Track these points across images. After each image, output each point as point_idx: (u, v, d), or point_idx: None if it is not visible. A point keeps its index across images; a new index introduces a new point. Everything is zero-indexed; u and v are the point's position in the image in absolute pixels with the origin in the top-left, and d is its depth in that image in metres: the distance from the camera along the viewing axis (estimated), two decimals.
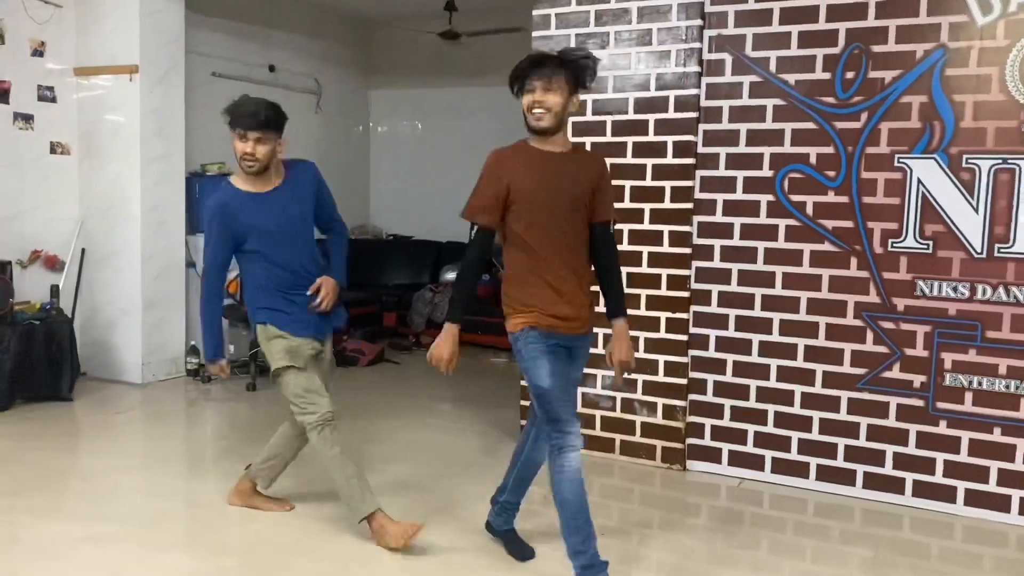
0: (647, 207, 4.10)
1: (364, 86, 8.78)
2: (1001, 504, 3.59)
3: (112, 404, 5.29)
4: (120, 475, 4.04)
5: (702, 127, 4.02)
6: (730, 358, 4.04)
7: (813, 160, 3.81)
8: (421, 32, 7.65)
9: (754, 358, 3.98)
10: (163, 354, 5.85)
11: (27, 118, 5.50)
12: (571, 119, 3.90)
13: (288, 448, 3.56)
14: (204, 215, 3.40)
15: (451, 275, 7.89)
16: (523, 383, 4.48)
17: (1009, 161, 3.48)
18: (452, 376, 3.17)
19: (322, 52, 8.11)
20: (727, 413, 4.06)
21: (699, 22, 3.96)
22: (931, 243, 3.64)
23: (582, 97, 3.08)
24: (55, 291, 5.37)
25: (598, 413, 4.27)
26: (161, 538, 3.32)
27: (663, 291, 4.09)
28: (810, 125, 3.80)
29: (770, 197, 3.91)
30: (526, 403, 4.48)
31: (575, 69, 2.79)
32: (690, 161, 4.03)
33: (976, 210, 3.55)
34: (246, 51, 7.18)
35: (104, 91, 5.68)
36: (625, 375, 3.15)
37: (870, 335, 3.76)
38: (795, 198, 3.86)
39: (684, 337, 4.08)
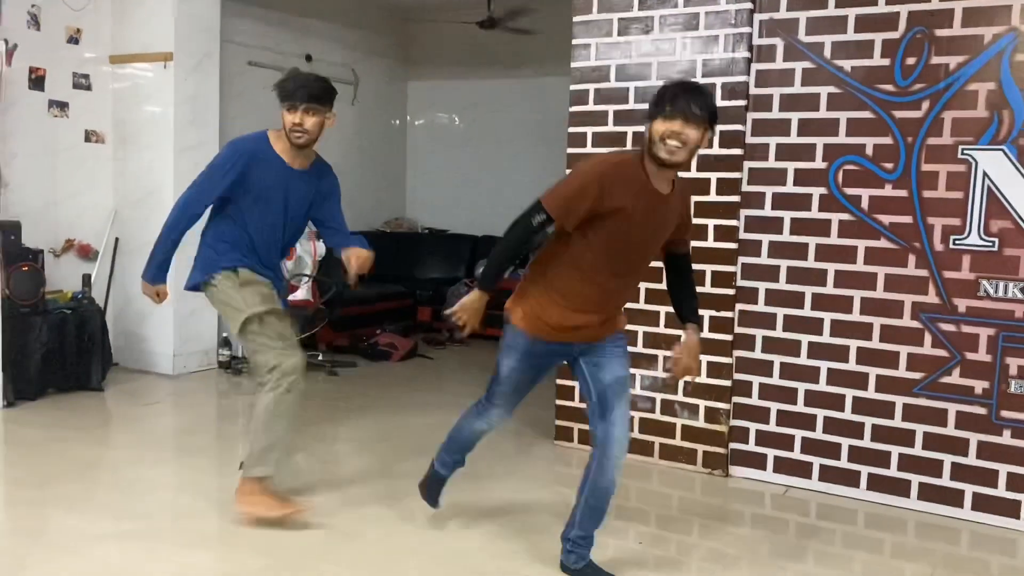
0: (692, 200, 3.90)
1: (402, 77, 8.67)
2: None
3: (142, 395, 5.23)
4: (147, 468, 3.96)
5: (751, 116, 3.82)
6: (777, 359, 3.84)
7: (869, 151, 3.60)
8: (459, 22, 7.51)
9: (803, 360, 3.78)
10: (195, 345, 5.79)
11: (62, 106, 5.46)
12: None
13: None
14: (226, 150, 3.26)
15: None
16: (560, 381, 4.33)
17: None
18: (485, 374, 3.07)
19: (359, 42, 8.02)
20: (773, 417, 3.87)
21: (749, 5, 3.76)
22: (996, 240, 3.41)
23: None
24: (87, 280, 5.32)
25: (636, 415, 4.10)
26: (186, 536, 3.22)
27: (707, 288, 3.90)
28: (867, 114, 3.59)
29: (823, 190, 3.70)
30: (562, 402, 4.33)
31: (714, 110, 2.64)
32: (738, 152, 3.83)
33: None
34: (283, 40, 7.10)
35: (139, 79, 5.62)
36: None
37: (928, 337, 3.54)
38: (850, 191, 3.65)
39: (729, 337, 3.90)
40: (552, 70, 7.84)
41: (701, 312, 3.88)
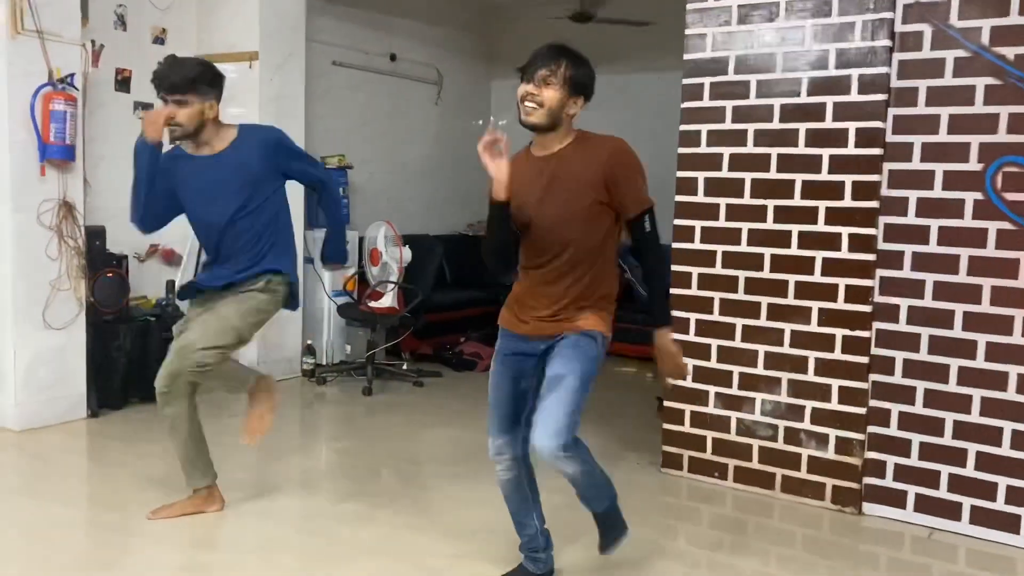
0: (822, 205, 3.51)
1: (486, 76, 8.40)
2: None
3: (226, 405, 5.05)
4: (230, 491, 3.75)
5: (892, 112, 3.41)
6: (921, 386, 3.41)
7: None
8: (547, 18, 7.20)
9: (952, 387, 3.34)
10: (278, 353, 5.61)
11: (147, 107, 5.33)
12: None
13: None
14: None
15: None
16: (667, 404, 3.98)
17: None
18: None
19: (444, 40, 7.78)
20: (915, 450, 3.44)
21: None
22: None
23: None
24: (171, 287, 5.19)
25: (756, 443, 3.72)
26: (271, 571, 2.99)
27: (839, 304, 3.50)
28: None
29: (978, 195, 3.26)
30: (670, 426, 3.97)
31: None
32: (877, 152, 3.42)
33: None
34: (367, 39, 6.91)
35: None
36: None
37: None
38: (1010, 197, 3.20)
39: (864, 359, 3.48)
40: (644, 66, 7.49)
41: (832, 330, 3.54)
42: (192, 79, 3.02)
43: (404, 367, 5.85)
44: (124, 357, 4.72)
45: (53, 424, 4.41)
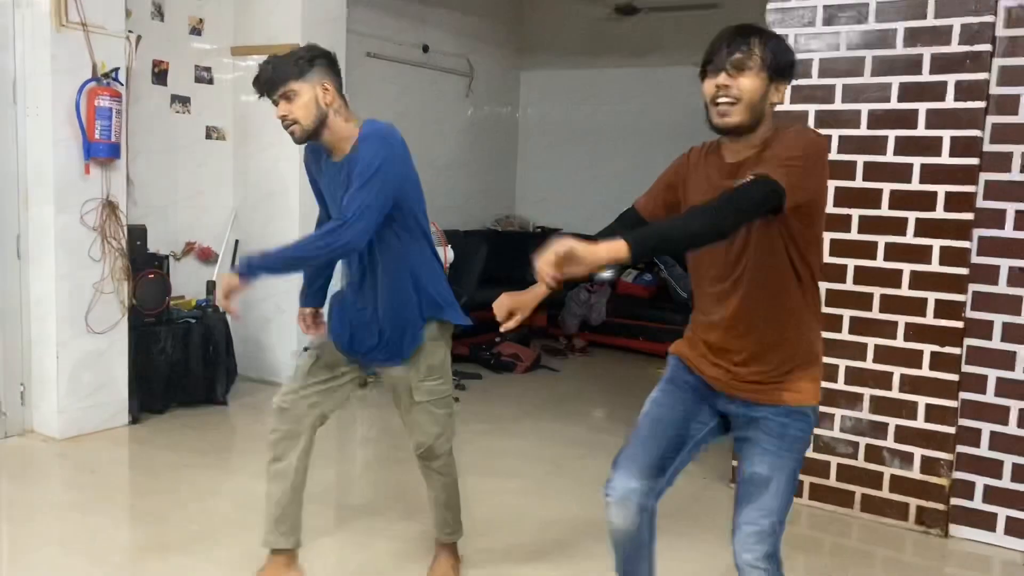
0: (912, 216, 3.38)
1: (515, 66, 8.21)
2: None
3: (269, 410, 4.91)
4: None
5: (991, 119, 3.26)
6: (1015, 405, 3.29)
7: None
8: (583, 5, 7.01)
9: None
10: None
11: (184, 100, 5.17)
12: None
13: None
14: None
15: (606, 274, 7.23)
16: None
17: None
18: (623, 393, 2.61)
19: (475, 30, 7.59)
20: (1008, 472, 3.32)
21: None
22: None
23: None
24: (211, 287, 5.04)
25: (834, 460, 3.60)
26: None
27: (929, 319, 3.37)
28: None
29: None
30: None
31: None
32: (973, 161, 3.28)
33: None
34: (400, 30, 6.73)
35: None
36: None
37: None
38: None
39: (955, 377, 3.36)
40: (680, 59, 7.31)
41: (920, 347, 3.42)
42: (287, 63, 2.48)
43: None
44: (166, 361, 4.57)
45: (95, 431, 4.27)
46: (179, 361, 4.64)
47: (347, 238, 2.41)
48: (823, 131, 3.53)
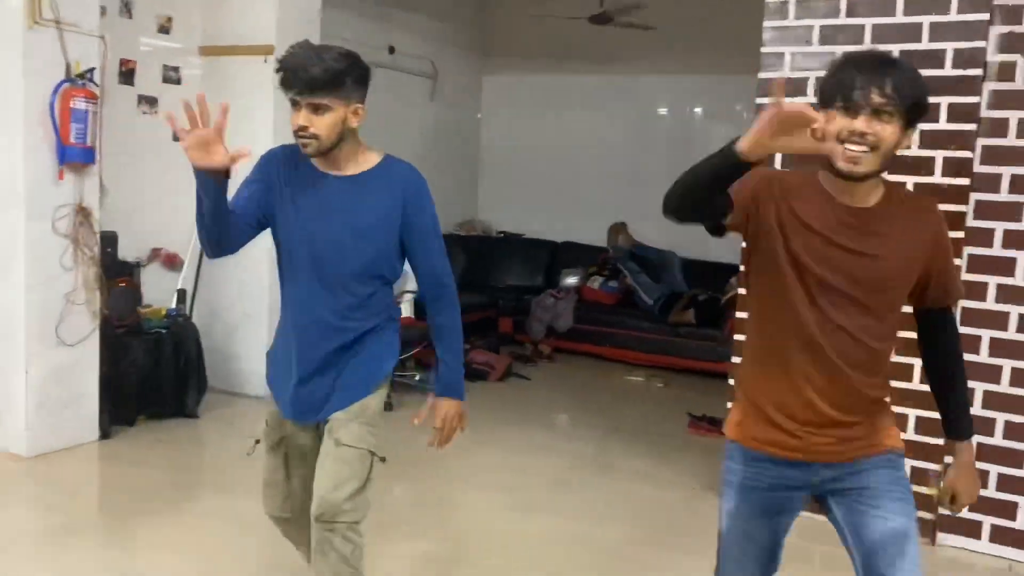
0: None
1: (479, 71, 8.18)
2: None
3: (240, 424, 4.78)
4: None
5: (981, 142, 3.38)
6: (1001, 417, 3.41)
7: None
8: (549, 11, 7.02)
9: None
10: None
11: (151, 101, 4.98)
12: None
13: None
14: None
15: (571, 280, 7.31)
16: (691, 414, 3.87)
17: None
18: (595, 400, 2.50)
19: (440, 33, 7.54)
20: (993, 481, 3.44)
21: (984, 16, 3.31)
22: None
23: None
24: (182, 296, 4.87)
25: None
26: None
27: (913, 334, 3.45)
28: None
29: None
30: None
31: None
32: (964, 182, 3.39)
33: None
34: (367, 31, 6.61)
35: (233, 74, 5.14)
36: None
37: None
38: None
39: None
40: (646, 68, 7.39)
41: (909, 360, 3.49)
42: (338, 72, 2.13)
43: (417, 378, 5.64)
44: (137, 373, 4.40)
45: (64, 448, 4.08)
46: (150, 373, 4.48)
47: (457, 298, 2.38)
48: None
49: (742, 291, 3.13)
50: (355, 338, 2.31)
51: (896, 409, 2.51)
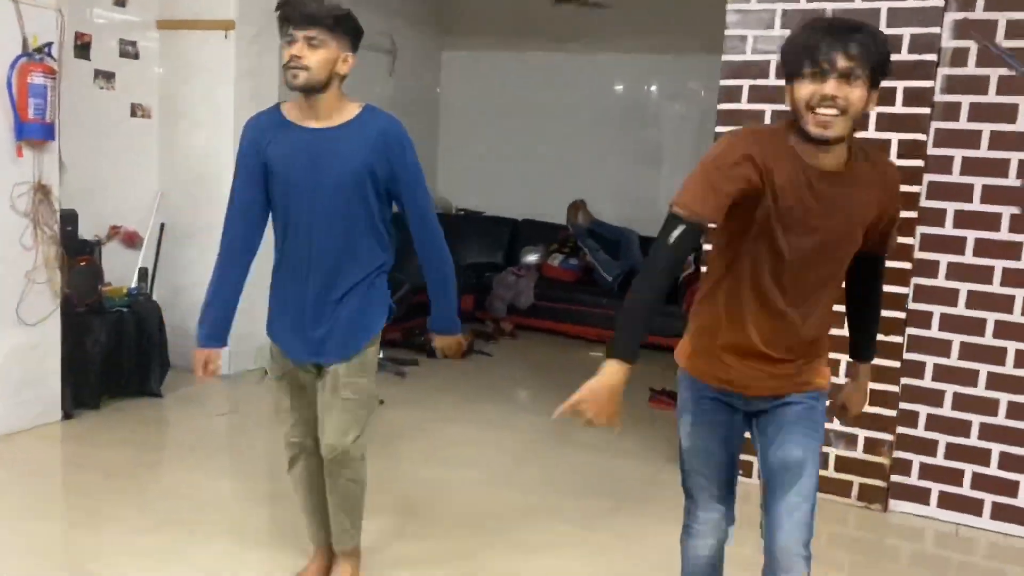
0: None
1: (438, 47, 8.14)
2: None
3: (205, 402, 4.77)
4: (247, 509, 3.53)
5: (934, 124, 3.50)
6: (950, 389, 3.57)
7: None
8: None
9: (980, 391, 3.52)
10: (251, 342, 5.27)
11: (108, 76, 4.88)
12: None
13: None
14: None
15: (532, 257, 7.37)
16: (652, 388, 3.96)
17: None
18: (557, 375, 2.67)
19: (399, 8, 7.46)
20: (941, 450, 3.61)
21: (939, 3, 3.42)
22: None
23: None
24: (144, 274, 4.81)
25: None
26: None
27: None
28: None
29: (1015, 209, 3.41)
30: None
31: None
32: (918, 163, 3.52)
33: None
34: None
35: (192, 49, 5.06)
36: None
37: None
38: None
39: (896, 363, 3.61)
40: (604, 46, 7.43)
41: None
42: (336, 16, 2.34)
43: (381, 355, 5.64)
44: (99, 352, 4.35)
45: (26, 429, 4.02)
46: (112, 352, 4.43)
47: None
48: None
49: (707, 247, 3.22)
50: (347, 289, 2.47)
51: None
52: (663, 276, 1.88)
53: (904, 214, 3.49)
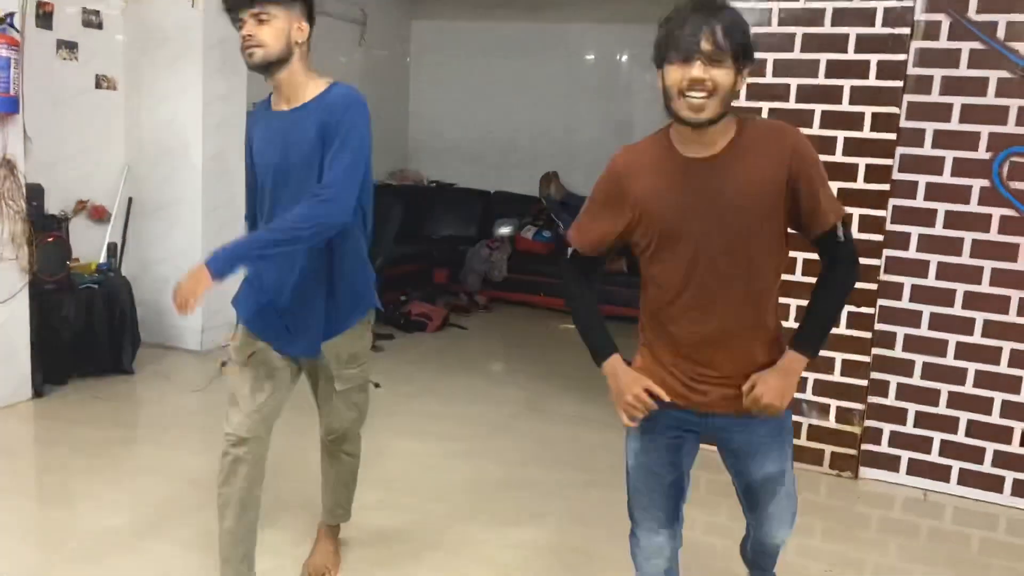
0: (835, 186, 3.61)
1: (408, 15, 8.03)
2: None
3: (177, 378, 4.72)
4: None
5: (907, 98, 3.53)
6: (920, 359, 3.64)
7: None
8: None
9: (949, 360, 3.58)
10: (223, 318, 5.24)
11: (71, 46, 4.76)
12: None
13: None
14: None
15: (505, 230, 7.35)
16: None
17: None
18: (531, 348, 2.65)
19: None
20: (911, 419, 3.68)
21: None
22: None
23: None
24: (113, 250, 4.73)
25: None
26: None
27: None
28: None
29: (984, 182, 3.46)
30: None
31: None
32: (891, 136, 3.55)
33: None
34: None
35: (157, 18, 4.94)
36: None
37: None
38: (1016, 185, 3.41)
39: (868, 334, 3.67)
40: (576, 16, 7.39)
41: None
42: None
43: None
44: (69, 329, 4.29)
45: None
46: (83, 329, 4.37)
47: (335, 213, 2.23)
48: (752, 104, 3.70)
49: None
50: (327, 273, 2.39)
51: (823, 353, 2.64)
52: (578, 284, 2.08)
53: (876, 186, 3.57)
